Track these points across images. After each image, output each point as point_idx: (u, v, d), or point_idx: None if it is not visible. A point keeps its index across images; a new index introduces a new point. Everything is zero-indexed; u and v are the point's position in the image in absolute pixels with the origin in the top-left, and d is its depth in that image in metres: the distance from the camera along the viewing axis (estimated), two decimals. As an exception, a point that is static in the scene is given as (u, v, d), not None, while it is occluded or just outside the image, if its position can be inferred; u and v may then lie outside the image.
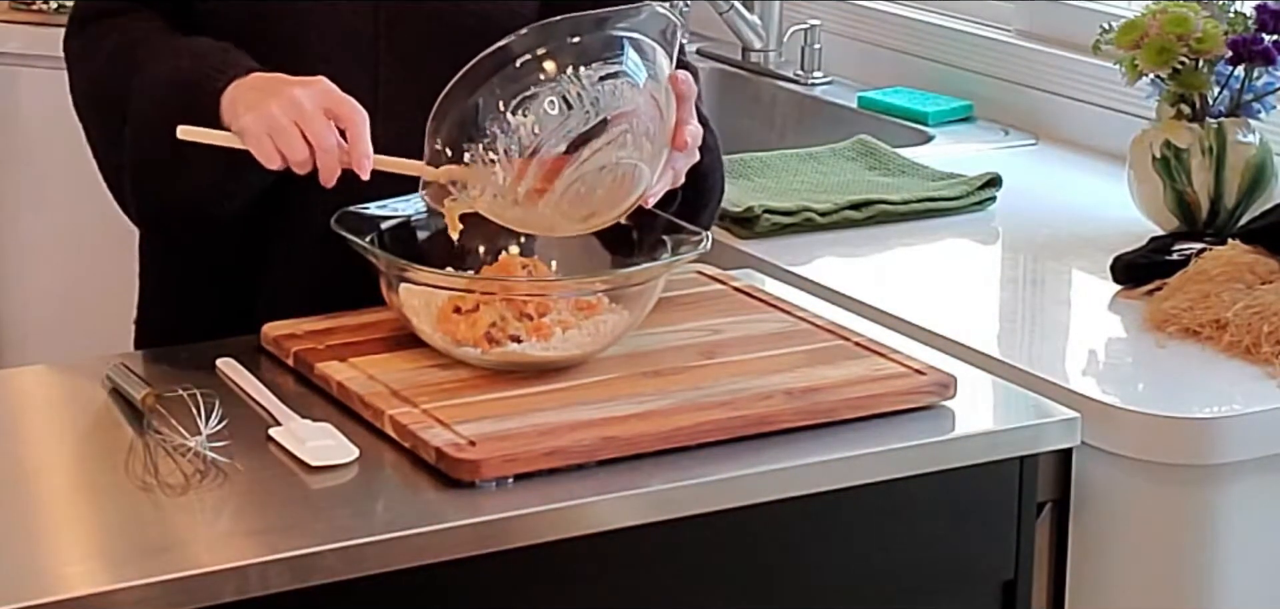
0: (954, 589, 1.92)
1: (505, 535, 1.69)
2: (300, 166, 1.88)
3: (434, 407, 1.80)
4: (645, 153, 1.89)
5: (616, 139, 1.88)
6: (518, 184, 1.88)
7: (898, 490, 1.84)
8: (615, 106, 1.88)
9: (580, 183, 1.87)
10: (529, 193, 1.88)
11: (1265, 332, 2.07)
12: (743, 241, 2.43)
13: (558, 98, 1.88)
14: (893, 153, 2.75)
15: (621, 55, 1.89)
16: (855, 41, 3.30)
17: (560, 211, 1.89)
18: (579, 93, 1.88)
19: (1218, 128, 2.38)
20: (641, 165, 1.89)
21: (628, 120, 1.88)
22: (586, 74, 1.89)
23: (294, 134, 1.87)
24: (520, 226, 1.94)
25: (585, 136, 1.88)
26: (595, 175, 1.88)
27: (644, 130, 1.89)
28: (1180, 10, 2.38)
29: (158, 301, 2.18)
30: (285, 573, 1.61)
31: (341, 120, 1.89)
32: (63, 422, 1.94)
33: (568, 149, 1.88)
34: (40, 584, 1.58)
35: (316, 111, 1.88)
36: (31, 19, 3.59)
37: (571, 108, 1.88)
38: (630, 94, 1.89)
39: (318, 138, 1.87)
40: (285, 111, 1.87)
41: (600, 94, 1.88)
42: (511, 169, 1.88)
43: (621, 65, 1.90)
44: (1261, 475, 1.98)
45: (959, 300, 2.29)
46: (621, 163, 1.88)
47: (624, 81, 1.89)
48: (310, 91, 1.89)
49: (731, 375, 1.89)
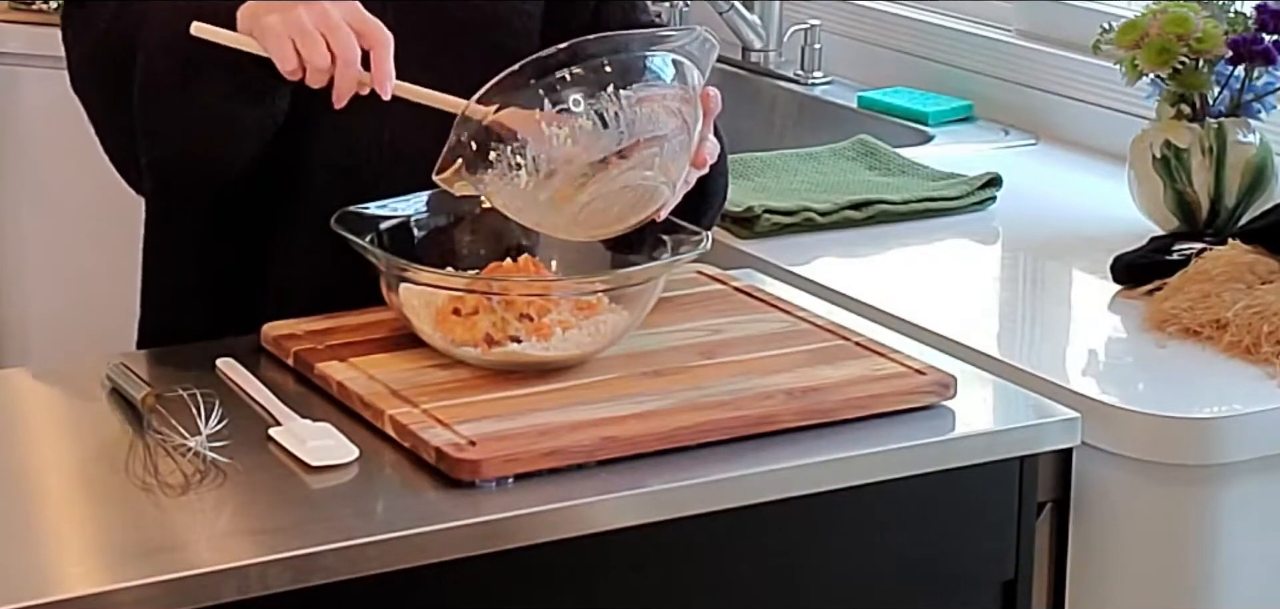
0: (954, 589, 1.92)
1: (505, 535, 1.69)
2: (318, 75, 1.86)
3: (434, 407, 1.80)
4: (670, 174, 1.90)
5: (645, 161, 1.88)
6: (540, 192, 1.88)
7: (898, 490, 1.84)
8: (649, 130, 1.88)
9: (601, 199, 1.87)
10: (553, 197, 1.88)
11: (1265, 332, 2.07)
12: (743, 241, 2.43)
13: (595, 115, 1.88)
14: (893, 153, 2.75)
15: (662, 81, 1.90)
16: (855, 41, 3.30)
17: (578, 221, 1.89)
18: (617, 112, 1.88)
19: (1218, 128, 2.38)
20: (664, 186, 1.90)
21: (659, 145, 1.89)
22: (625, 95, 1.88)
23: (319, 40, 1.85)
24: (534, 227, 1.94)
25: (615, 154, 1.88)
26: (618, 193, 1.88)
27: (671, 153, 1.89)
28: (1180, 10, 2.38)
29: (159, 301, 2.18)
30: (285, 573, 1.61)
31: (367, 39, 1.87)
32: (63, 422, 1.94)
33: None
34: (40, 584, 1.58)
35: (343, 24, 1.86)
36: (31, 19, 3.59)
37: (607, 127, 1.88)
38: (665, 119, 1.89)
39: (342, 49, 1.85)
40: (313, 17, 1.85)
41: (637, 117, 1.88)
42: (536, 179, 1.88)
43: (662, 89, 1.90)
44: (1261, 475, 1.98)
45: (959, 300, 2.30)
46: (646, 183, 1.88)
47: (661, 106, 1.89)
48: (339, 4, 1.87)
49: (732, 375, 1.89)
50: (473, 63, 1.92)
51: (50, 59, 2.22)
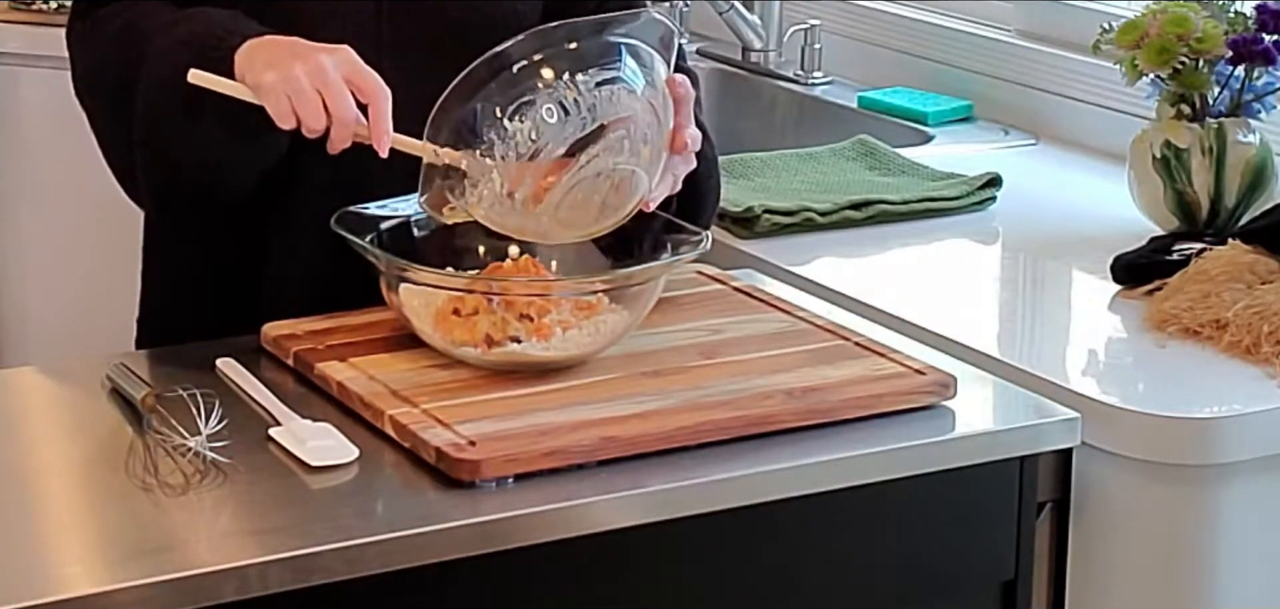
0: (954, 589, 1.92)
1: (505, 535, 1.69)
2: (313, 133, 1.87)
3: (434, 407, 1.80)
4: (643, 158, 1.89)
5: (614, 145, 1.88)
6: (515, 190, 1.88)
7: (898, 490, 1.84)
8: (612, 113, 1.88)
9: (578, 189, 1.87)
10: (527, 199, 1.88)
11: (1265, 332, 2.07)
12: (743, 241, 2.43)
13: (555, 104, 1.88)
14: (893, 153, 2.75)
15: (618, 62, 1.89)
16: (855, 41, 3.30)
17: (558, 219, 1.89)
18: (576, 99, 1.88)
19: (1218, 128, 2.38)
20: (639, 171, 1.89)
21: (625, 126, 1.88)
22: (583, 80, 1.89)
23: (315, 101, 1.86)
24: (519, 234, 1.94)
25: (582, 143, 1.88)
26: (593, 181, 1.88)
27: (641, 136, 1.89)
28: (1180, 10, 2.38)
29: (160, 301, 2.18)
30: (285, 573, 1.61)
31: (364, 94, 1.88)
32: (63, 422, 1.94)
33: (565, 155, 1.88)
34: (40, 584, 1.58)
35: (340, 81, 1.87)
36: (31, 19, 3.59)
37: (568, 114, 1.88)
38: (628, 100, 1.89)
39: (338, 110, 1.86)
40: (310, 76, 1.86)
41: (597, 100, 1.88)
42: (508, 174, 1.88)
43: (618, 72, 1.90)
44: (1261, 475, 1.98)
45: (959, 300, 2.29)
46: (618, 168, 1.88)
47: (621, 87, 1.89)
48: (336, 59, 1.88)
49: (731, 375, 1.89)
50: (466, 64, 1.91)
51: (50, 59, 2.23)
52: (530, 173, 1.88)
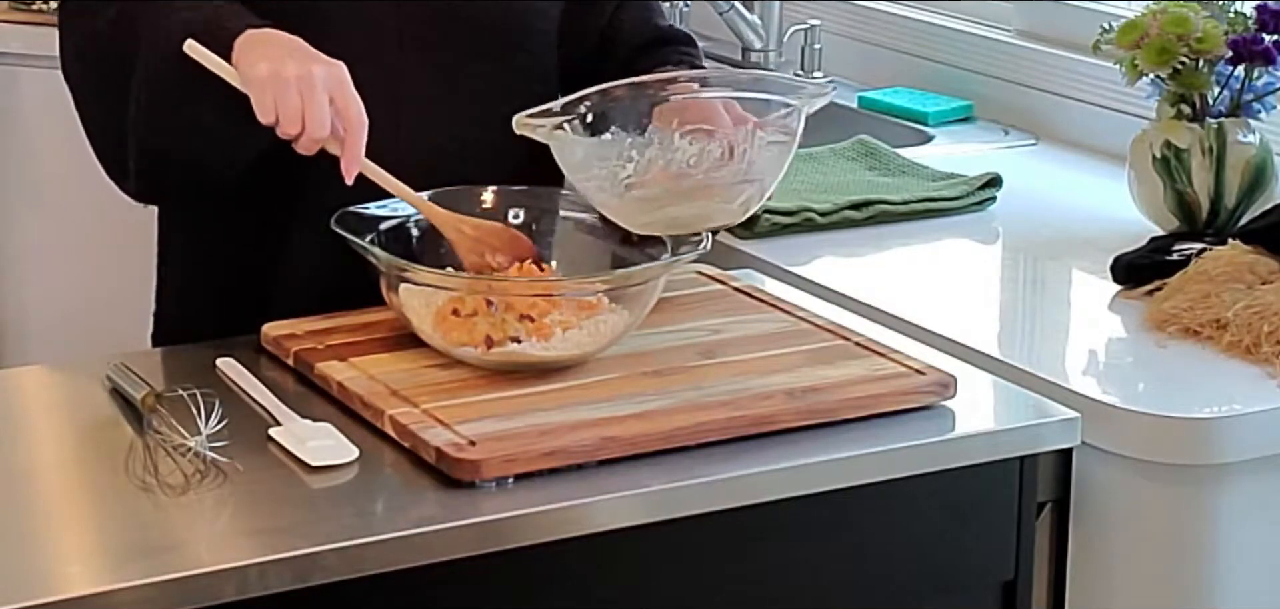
0: (954, 589, 1.92)
1: (505, 535, 1.69)
2: (288, 133, 1.90)
3: (434, 407, 1.80)
4: (738, 204, 1.91)
5: (730, 195, 1.91)
6: (635, 189, 1.89)
7: (898, 490, 1.84)
8: (765, 172, 1.91)
9: (673, 211, 1.90)
10: (637, 195, 1.90)
11: (1265, 332, 2.07)
12: (743, 241, 2.43)
13: (727, 144, 1.89)
14: (893, 153, 2.75)
15: (795, 135, 1.93)
16: (855, 41, 3.30)
17: (634, 221, 1.93)
18: (746, 149, 1.89)
19: (1218, 128, 2.38)
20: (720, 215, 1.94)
21: (760, 182, 1.90)
22: (760, 136, 1.90)
23: (296, 105, 1.88)
24: (591, 198, 1.96)
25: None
26: (689, 217, 1.90)
27: (760, 191, 1.93)
28: (1180, 10, 2.38)
29: (173, 300, 2.18)
30: (285, 573, 1.61)
31: (342, 117, 1.90)
32: (63, 422, 1.94)
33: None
34: (40, 584, 1.58)
35: (322, 97, 1.89)
36: (31, 19, 3.59)
37: (732, 159, 1.89)
38: (779, 162, 1.91)
39: (313, 124, 1.88)
40: (297, 81, 1.88)
41: (760, 159, 1.90)
42: (639, 178, 1.89)
43: (792, 140, 1.93)
44: (1261, 475, 1.98)
45: (959, 300, 2.29)
46: (716, 217, 1.91)
47: (781, 150, 1.93)
48: (326, 73, 1.90)
49: (731, 375, 1.89)
50: (485, 64, 1.92)
51: (50, 59, 2.22)
52: (659, 188, 1.90)
